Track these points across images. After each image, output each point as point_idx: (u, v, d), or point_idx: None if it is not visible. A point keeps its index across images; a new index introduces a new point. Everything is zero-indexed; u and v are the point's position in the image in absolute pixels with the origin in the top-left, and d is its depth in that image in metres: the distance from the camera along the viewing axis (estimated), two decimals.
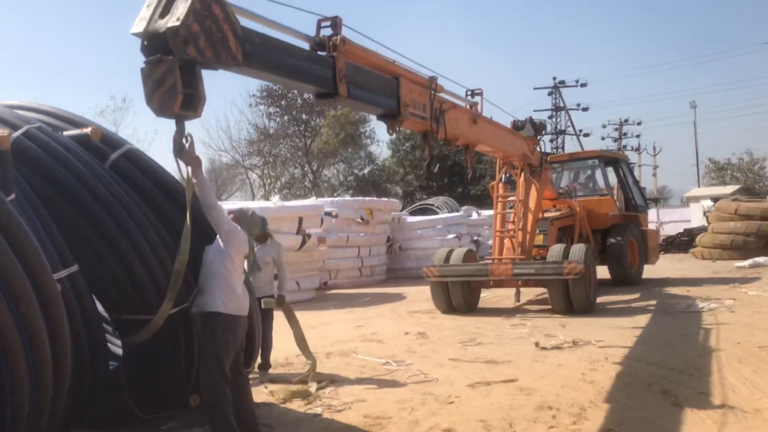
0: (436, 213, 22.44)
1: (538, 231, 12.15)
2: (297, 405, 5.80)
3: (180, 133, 4.43)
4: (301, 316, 7.05)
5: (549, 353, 7.62)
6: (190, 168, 4.51)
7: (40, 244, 3.45)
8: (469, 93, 8.98)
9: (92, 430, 5.03)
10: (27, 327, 3.01)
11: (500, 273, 10.69)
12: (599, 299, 11.52)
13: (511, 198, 12.14)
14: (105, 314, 5.24)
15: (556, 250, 10.88)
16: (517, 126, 11.38)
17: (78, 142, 4.83)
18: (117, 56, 79.72)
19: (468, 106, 8.83)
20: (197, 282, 4.88)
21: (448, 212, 22.46)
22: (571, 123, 51.53)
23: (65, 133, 4.94)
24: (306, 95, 37.24)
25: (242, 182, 46.21)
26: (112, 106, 47.57)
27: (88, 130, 4.96)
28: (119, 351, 5.35)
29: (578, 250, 10.68)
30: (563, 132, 51.21)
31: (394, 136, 7.37)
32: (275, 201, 14.69)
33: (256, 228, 4.91)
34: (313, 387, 6.23)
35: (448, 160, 37.18)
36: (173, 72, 4.05)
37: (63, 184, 4.40)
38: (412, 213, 23.37)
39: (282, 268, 6.90)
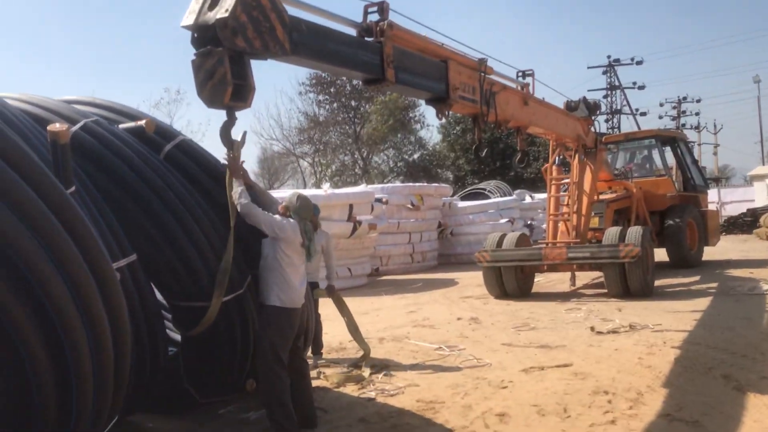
0: (488, 197, 22.21)
1: (593, 213, 11.93)
2: (351, 389, 5.86)
3: (230, 124, 4.51)
4: (353, 302, 7.12)
5: (605, 338, 7.51)
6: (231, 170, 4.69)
7: (99, 234, 3.55)
8: (520, 74, 8.84)
9: (152, 414, 5.21)
10: (88, 315, 3.11)
11: (554, 257, 10.55)
12: (657, 282, 11.26)
13: (565, 180, 11.96)
14: (163, 301, 5.39)
15: (612, 232, 10.68)
16: (571, 107, 11.18)
17: (133, 135, 4.95)
18: (171, 49, 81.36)
19: (519, 88, 8.69)
20: (252, 269, 5.00)
21: (501, 196, 22.19)
22: (627, 102, 50.17)
23: (121, 126, 5.06)
24: (355, 82, 37.30)
25: (294, 170, 46.70)
26: (166, 98, 48.80)
27: (142, 122, 5.06)
28: (177, 337, 5.49)
29: (635, 232, 10.46)
30: (619, 111, 49.88)
31: (444, 120, 7.33)
32: (326, 188, 14.81)
33: (308, 212, 4.88)
34: (366, 372, 6.29)
35: (500, 143, 36.71)
36: (223, 63, 4.12)
37: (120, 176, 4.51)
38: (464, 198, 23.19)
39: (330, 256, 6.95)
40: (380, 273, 16.88)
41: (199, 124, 74.05)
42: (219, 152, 5.19)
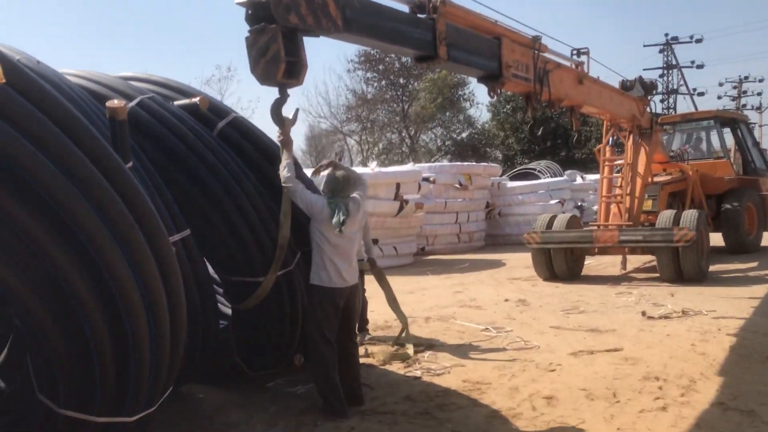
0: (538, 178, 21.88)
1: (646, 196, 11.66)
2: (396, 367, 5.89)
3: (282, 101, 4.53)
4: (398, 280, 7.13)
5: (656, 323, 7.36)
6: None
7: (155, 209, 3.62)
8: (574, 52, 8.65)
9: (202, 386, 5.35)
10: (146, 287, 3.19)
11: (606, 240, 10.37)
12: (712, 267, 10.97)
13: (619, 162, 11.69)
14: (215, 276, 5.49)
15: (666, 215, 10.42)
16: (626, 86, 10.92)
17: (187, 112, 5.02)
18: (223, 26, 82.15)
19: (573, 66, 8.51)
20: (300, 246, 5.06)
21: (551, 177, 21.85)
22: (684, 82, 48.60)
23: (175, 102, 5.14)
24: (404, 59, 37.05)
25: (341, 148, 46.80)
26: (217, 75, 49.31)
27: (196, 99, 5.13)
28: (228, 311, 5.60)
29: (690, 215, 10.19)
30: (675, 91, 48.39)
31: (494, 98, 7.22)
32: (373, 167, 14.80)
33: (340, 187, 4.71)
34: (410, 349, 6.31)
35: (551, 123, 36.08)
36: (276, 40, 4.13)
37: (175, 152, 4.59)
38: (513, 178, 22.89)
39: (367, 232, 6.93)
40: (426, 252, 16.85)
41: (249, 101, 75.04)
42: (268, 129, 5.24)
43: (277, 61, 4.15)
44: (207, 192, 4.63)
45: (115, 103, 3.76)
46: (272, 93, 4.52)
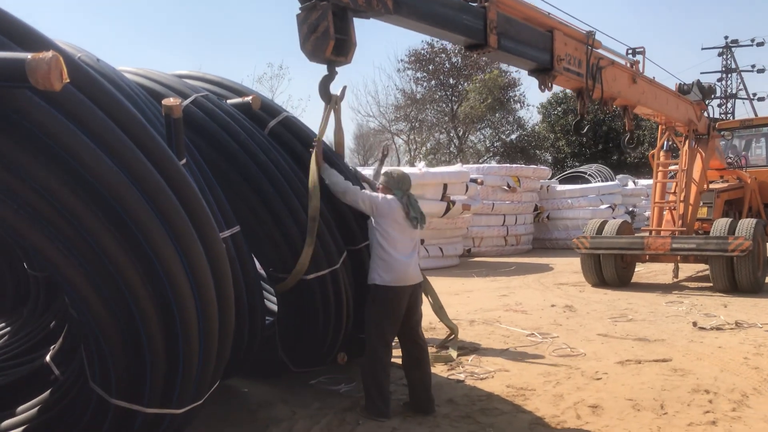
0: (589, 181, 21.53)
1: (701, 203, 11.36)
2: (440, 370, 5.88)
3: (329, 78, 4.59)
4: (444, 282, 7.10)
5: (707, 334, 7.16)
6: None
7: (207, 205, 3.68)
8: (629, 51, 8.48)
9: (247, 380, 5.43)
10: (197, 281, 3.26)
11: (657, 247, 10.15)
12: None
13: (673, 167, 11.42)
14: (262, 272, 5.57)
15: (721, 224, 10.14)
16: (683, 89, 10.68)
17: (240, 110, 5.11)
18: (275, 23, 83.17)
19: (628, 65, 8.34)
20: (348, 245, 5.08)
21: (602, 181, 21.47)
22: (744, 86, 47.15)
23: (229, 101, 5.24)
24: (454, 59, 36.89)
25: (387, 143, 46.79)
26: (269, 73, 49.92)
27: (249, 98, 5.22)
28: (274, 308, 5.67)
29: (746, 224, 9.89)
30: (734, 96, 46.98)
31: (545, 99, 7.18)
32: (420, 167, 14.77)
33: (407, 184, 4.79)
34: (454, 353, 6.28)
35: (603, 126, 35.42)
36: (326, 17, 4.21)
37: (227, 150, 4.67)
38: (563, 181, 22.57)
39: None
40: (472, 254, 16.76)
41: (300, 100, 76.01)
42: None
43: (327, 37, 4.22)
44: (257, 189, 4.71)
45: (170, 101, 3.85)
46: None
